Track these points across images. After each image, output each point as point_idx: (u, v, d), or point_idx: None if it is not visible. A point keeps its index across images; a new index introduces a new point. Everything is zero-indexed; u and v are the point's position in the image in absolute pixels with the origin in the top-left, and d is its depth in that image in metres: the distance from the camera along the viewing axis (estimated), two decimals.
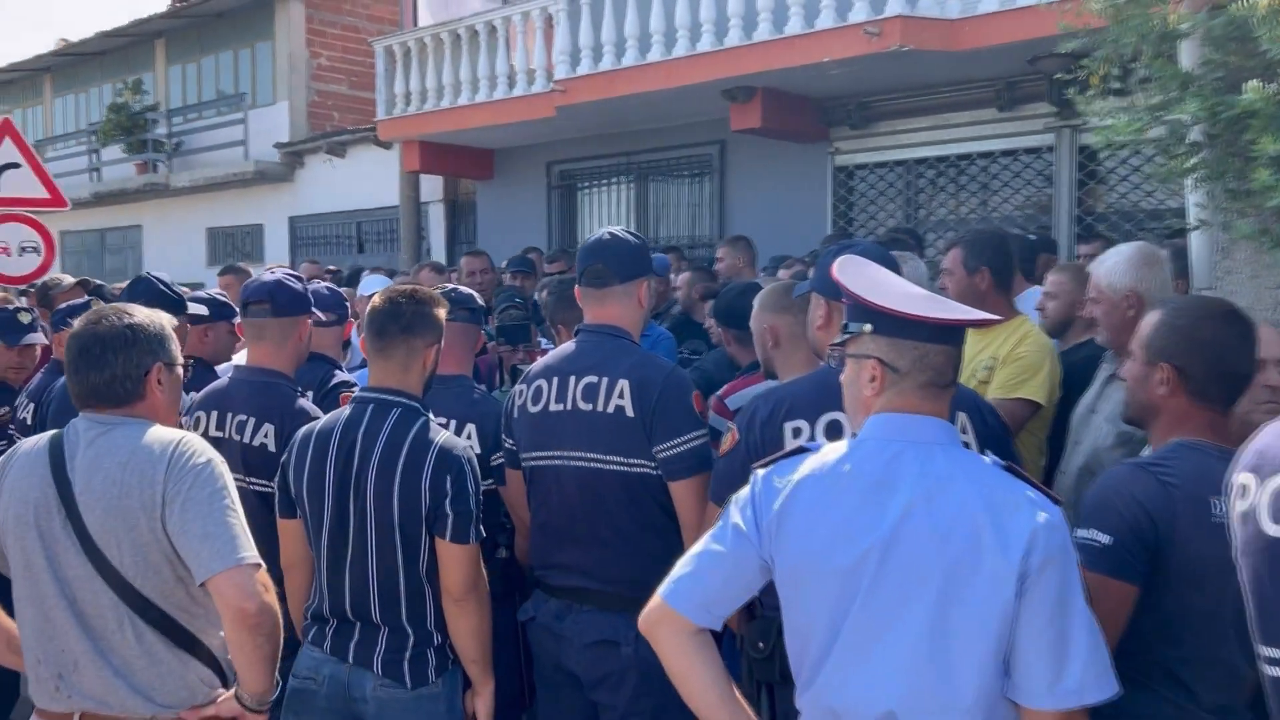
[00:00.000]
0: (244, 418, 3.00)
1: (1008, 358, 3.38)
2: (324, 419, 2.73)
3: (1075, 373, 3.41)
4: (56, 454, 2.18)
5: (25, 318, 4.32)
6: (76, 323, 2.30)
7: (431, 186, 12.27)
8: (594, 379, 2.73)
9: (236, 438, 3.00)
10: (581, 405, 2.72)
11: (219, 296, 3.91)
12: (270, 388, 3.06)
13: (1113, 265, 3.08)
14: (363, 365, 4.28)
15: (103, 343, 2.22)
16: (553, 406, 2.78)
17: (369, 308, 2.73)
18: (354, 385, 3.51)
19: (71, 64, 18.52)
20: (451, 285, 3.46)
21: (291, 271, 3.28)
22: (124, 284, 7.48)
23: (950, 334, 1.79)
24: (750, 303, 3.37)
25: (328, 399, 3.41)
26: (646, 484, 2.70)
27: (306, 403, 3.10)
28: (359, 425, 2.63)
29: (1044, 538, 1.66)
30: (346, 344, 4.66)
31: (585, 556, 2.75)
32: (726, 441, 2.47)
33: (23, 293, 8.68)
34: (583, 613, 2.75)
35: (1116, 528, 2.02)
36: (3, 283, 8.69)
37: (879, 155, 8.72)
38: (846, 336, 1.86)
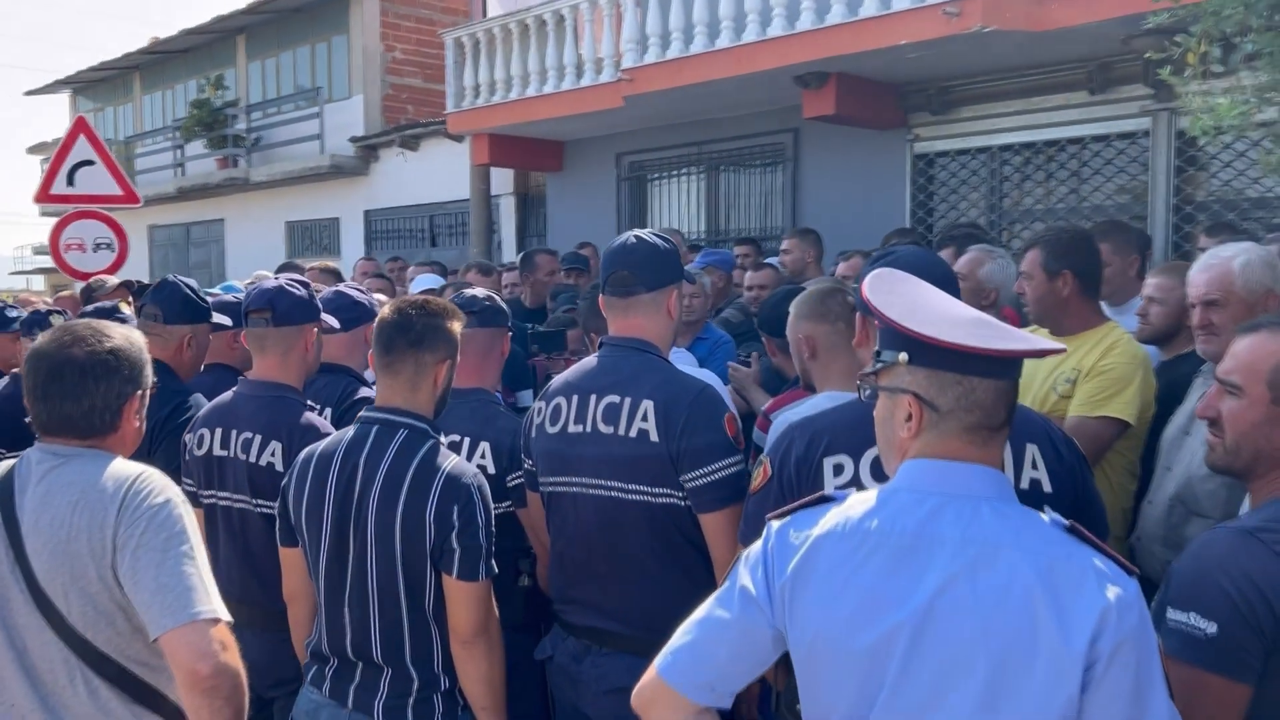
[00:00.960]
0: (249, 435, 2.81)
1: (1093, 370, 3.02)
2: (326, 440, 2.52)
3: (1178, 388, 3.04)
4: (6, 489, 2.00)
5: (57, 320, 4.21)
6: (41, 338, 2.10)
7: (502, 179, 12.14)
8: (615, 399, 2.46)
9: (242, 456, 2.81)
10: (602, 428, 2.46)
11: None
12: (278, 403, 2.85)
13: (1248, 262, 2.73)
14: None
15: (81, 369, 2.02)
16: (571, 428, 2.52)
17: (376, 320, 2.51)
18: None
19: (159, 61, 18.86)
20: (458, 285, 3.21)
21: (295, 276, 3.06)
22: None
23: (1003, 366, 1.49)
24: None
25: (347, 416, 3.19)
26: (673, 516, 2.43)
27: (317, 419, 2.89)
28: (361, 448, 2.41)
29: (1116, 619, 1.36)
30: None
31: (605, 594, 2.50)
32: (758, 477, 2.18)
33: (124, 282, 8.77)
34: (601, 655, 2.50)
35: (1224, 613, 1.64)
36: (77, 278, 8.78)
37: (961, 142, 8.28)
38: (878, 366, 1.56)
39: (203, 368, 3.72)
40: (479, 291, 3.09)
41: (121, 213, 8.81)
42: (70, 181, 8.74)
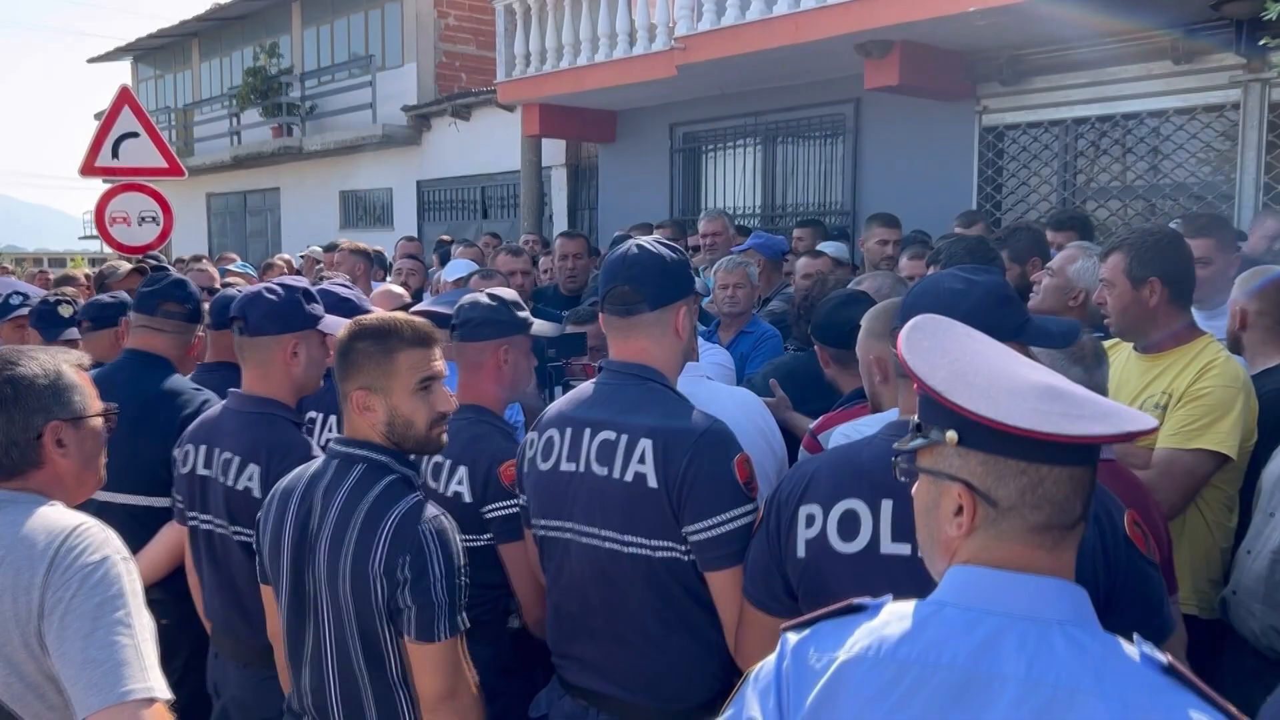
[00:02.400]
0: (229, 456, 2.54)
1: (1187, 394, 2.64)
2: (294, 472, 2.24)
3: (1271, 410, 2.66)
4: None
5: (66, 310, 4.01)
6: None
7: (553, 150, 11.84)
8: (611, 435, 2.12)
9: (221, 479, 2.54)
10: (596, 469, 2.13)
11: None
12: (261, 421, 2.57)
13: None
14: None
15: None
16: (564, 465, 2.19)
17: (338, 340, 2.23)
18: None
19: (216, 29, 18.80)
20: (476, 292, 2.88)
21: (283, 280, 2.76)
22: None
23: (1081, 450, 1.17)
24: (851, 317, 2.75)
25: None
26: (675, 571, 2.10)
27: (304, 441, 2.59)
28: (319, 484, 2.14)
29: None
30: None
31: (602, 654, 2.18)
32: (757, 520, 1.92)
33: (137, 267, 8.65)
34: None
35: None
36: (122, 252, 8.68)
37: (1032, 114, 7.80)
38: (919, 443, 1.24)
39: (210, 365, 3.49)
40: (471, 298, 2.75)
41: (180, 180, 8.69)
42: (115, 154, 8.59)
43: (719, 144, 10.22)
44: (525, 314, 2.76)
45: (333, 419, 2.99)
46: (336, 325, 2.77)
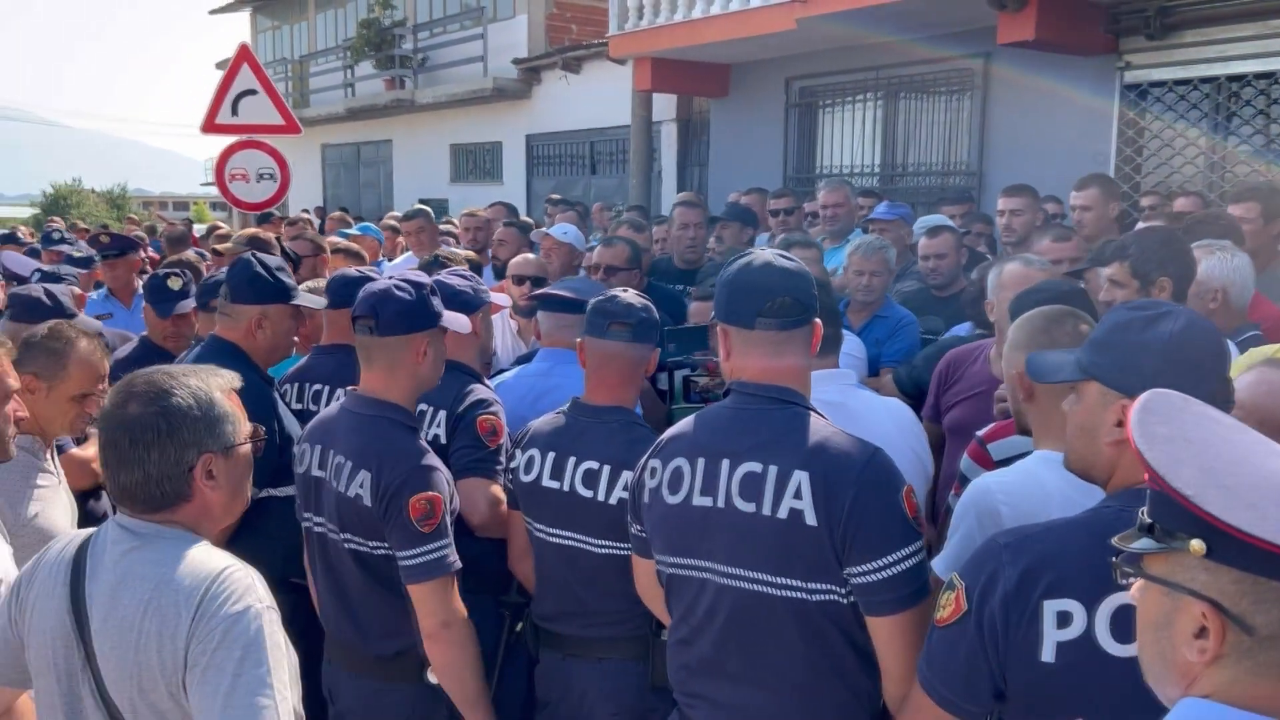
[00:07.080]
0: (342, 460, 2.43)
1: None
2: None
3: None
4: (77, 572, 1.70)
5: (175, 283, 4.00)
6: (108, 397, 1.79)
7: (664, 105, 11.57)
8: (757, 467, 1.93)
9: (334, 483, 2.44)
10: (740, 504, 1.94)
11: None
12: (375, 425, 2.45)
13: None
14: (521, 362, 3.67)
15: (130, 434, 1.69)
16: (697, 500, 2.00)
17: None
18: (492, 405, 2.87)
19: None
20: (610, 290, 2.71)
21: (407, 278, 2.59)
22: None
23: None
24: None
25: (464, 418, 2.81)
26: (832, 615, 1.91)
27: (416, 446, 2.45)
28: None
29: None
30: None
31: (741, 699, 2.00)
32: (949, 605, 1.62)
33: (263, 219, 8.80)
34: None
35: None
36: (242, 209, 8.80)
37: (1181, 71, 7.25)
38: (1148, 547, 1.04)
39: (327, 347, 3.40)
40: (634, 297, 2.58)
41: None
42: (235, 111, 8.68)
43: (837, 99, 9.84)
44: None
45: (443, 413, 2.86)
46: (458, 322, 2.66)
